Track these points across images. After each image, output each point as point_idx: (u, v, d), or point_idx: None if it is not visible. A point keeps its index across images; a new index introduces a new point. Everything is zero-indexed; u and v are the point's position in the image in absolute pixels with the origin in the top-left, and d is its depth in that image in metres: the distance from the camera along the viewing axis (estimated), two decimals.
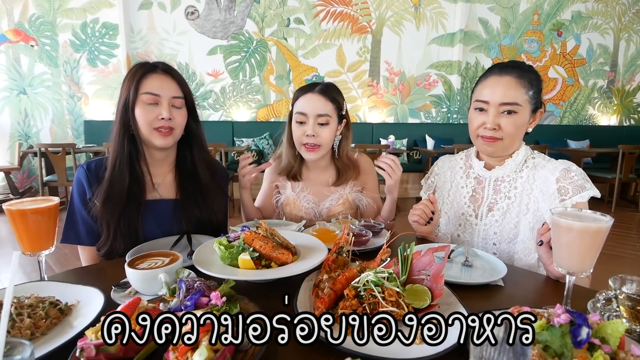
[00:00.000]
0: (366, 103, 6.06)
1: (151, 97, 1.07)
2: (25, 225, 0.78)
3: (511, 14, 6.06)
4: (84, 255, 1.16)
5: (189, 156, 1.22)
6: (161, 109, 1.08)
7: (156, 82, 1.08)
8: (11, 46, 5.18)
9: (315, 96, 1.31)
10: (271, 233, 0.89)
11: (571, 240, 0.69)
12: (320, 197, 1.45)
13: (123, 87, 1.10)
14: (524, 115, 1.10)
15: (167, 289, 0.67)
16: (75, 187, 1.13)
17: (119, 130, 1.10)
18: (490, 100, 1.10)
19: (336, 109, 1.34)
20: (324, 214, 1.44)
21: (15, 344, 0.42)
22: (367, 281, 0.70)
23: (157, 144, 1.11)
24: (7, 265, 2.94)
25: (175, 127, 1.12)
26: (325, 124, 1.32)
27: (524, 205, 1.15)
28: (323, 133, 1.32)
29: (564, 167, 1.10)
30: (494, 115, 1.10)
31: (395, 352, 0.58)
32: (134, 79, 1.07)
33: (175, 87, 1.11)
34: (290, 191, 1.46)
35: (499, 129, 1.11)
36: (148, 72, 1.08)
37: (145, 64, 1.11)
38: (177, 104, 1.11)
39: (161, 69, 1.11)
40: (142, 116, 1.07)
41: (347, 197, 1.43)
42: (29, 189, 5.39)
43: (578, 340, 0.50)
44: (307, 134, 1.31)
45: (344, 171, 1.42)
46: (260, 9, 5.65)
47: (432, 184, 1.39)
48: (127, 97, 1.07)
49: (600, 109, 6.58)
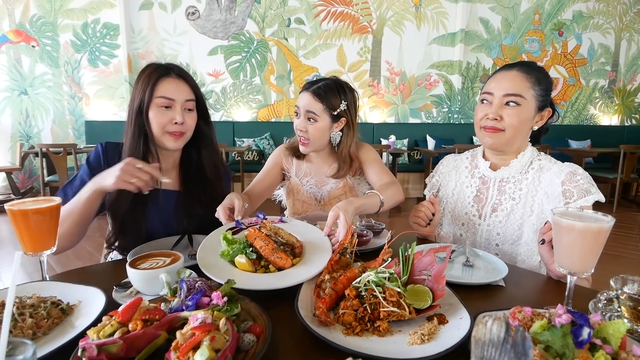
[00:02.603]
0: (367, 103, 6.06)
1: (166, 101, 1.10)
2: (26, 225, 0.78)
3: (512, 14, 6.05)
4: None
5: (195, 155, 1.25)
6: (175, 113, 1.11)
7: (171, 86, 1.11)
8: (12, 47, 5.19)
9: (307, 95, 1.37)
10: (275, 232, 0.89)
11: (573, 241, 0.69)
12: (321, 182, 1.51)
13: (137, 89, 1.12)
14: (527, 109, 1.10)
15: (169, 289, 0.67)
16: (92, 158, 1.16)
17: (134, 131, 1.12)
18: (494, 92, 1.12)
19: (326, 108, 1.37)
20: (325, 197, 1.48)
21: (17, 343, 0.42)
22: (368, 281, 0.70)
23: (168, 146, 1.15)
24: (9, 266, 2.94)
25: (186, 131, 1.16)
26: (313, 120, 1.37)
27: (528, 207, 1.14)
28: (310, 129, 1.38)
29: (570, 170, 1.09)
30: (497, 106, 1.11)
31: (396, 352, 0.58)
32: (149, 82, 1.10)
33: (189, 90, 1.15)
34: (294, 176, 1.52)
35: (501, 120, 1.11)
36: (163, 76, 1.11)
37: (160, 66, 1.14)
38: (189, 106, 1.15)
39: (176, 73, 1.14)
40: (156, 119, 1.11)
41: (347, 182, 1.48)
42: (30, 189, 5.40)
43: (579, 341, 0.50)
44: (298, 127, 1.40)
45: (343, 165, 1.47)
46: (261, 9, 5.65)
47: (436, 182, 1.39)
48: (142, 99, 1.10)
49: (601, 108, 6.57)
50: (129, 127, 1.14)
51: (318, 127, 1.38)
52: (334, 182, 1.48)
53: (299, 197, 1.51)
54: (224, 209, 1.04)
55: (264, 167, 1.55)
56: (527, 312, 0.59)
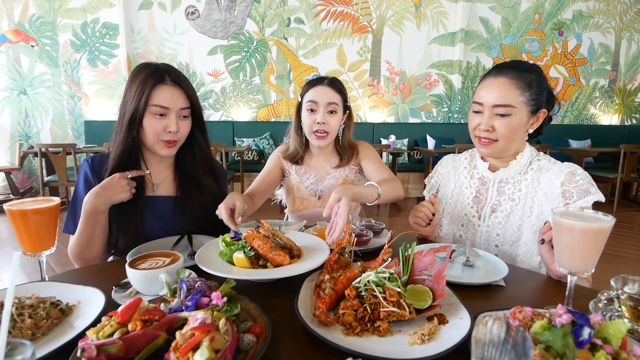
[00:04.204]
0: (367, 103, 6.06)
1: (161, 109, 1.08)
2: (26, 225, 0.78)
3: (512, 13, 6.05)
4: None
5: (189, 158, 1.23)
6: (169, 121, 1.10)
7: (166, 94, 1.09)
8: (11, 46, 5.19)
9: (325, 87, 1.44)
10: (273, 233, 0.89)
11: (573, 240, 0.69)
12: (321, 178, 1.53)
13: (131, 93, 1.09)
14: (519, 117, 1.09)
15: (168, 289, 0.67)
16: (81, 179, 1.16)
17: (123, 134, 1.11)
18: (484, 102, 1.11)
19: (342, 100, 1.47)
20: (325, 192, 1.51)
21: (16, 344, 0.42)
22: (368, 281, 0.69)
23: (161, 154, 1.14)
24: (8, 266, 2.94)
25: (180, 139, 1.15)
26: (334, 112, 1.44)
27: (528, 208, 1.14)
28: (332, 121, 1.44)
29: (569, 170, 1.09)
30: (487, 117, 1.11)
31: (397, 352, 0.58)
32: (144, 89, 1.07)
33: (184, 98, 1.12)
34: (295, 175, 1.54)
35: (493, 130, 1.11)
36: (158, 83, 1.08)
37: (155, 71, 1.10)
38: (184, 114, 1.14)
39: (171, 79, 1.10)
40: (150, 127, 1.09)
41: (347, 177, 1.50)
42: (29, 189, 5.39)
43: (580, 341, 0.50)
44: (318, 121, 1.42)
45: (345, 154, 1.53)
46: (261, 8, 5.64)
47: (435, 183, 1.39)
48: (137, 106, 1.07)
49: (601, 108, 6.56)
50: (119, 132, 1.11)
51: (338, 119, 1.46)
52: (334, 177, 1.51)
53: (299, 194, 1.52)
54: (226, 208, 1.04)
55: (265, 167, 1.57)
56: (528, 312, 0.59)
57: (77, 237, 1.06)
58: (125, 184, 1.05)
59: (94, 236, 1.07)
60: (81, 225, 1.05)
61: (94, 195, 1.02)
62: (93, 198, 1.02)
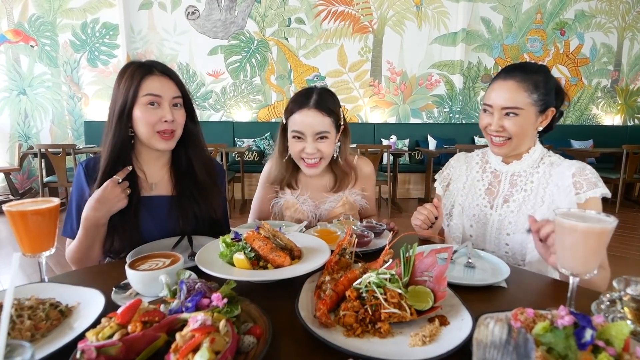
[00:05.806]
0: (368, 103, 6.05)
1: (152, 98, 1.06)
2: (25, 226, 0.78)
3: (514, 13, 6.04)
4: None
5: (184, 154, 1.22)
6: (163, 110, 1.08)
7: (156, 84, 1.07)
8: (11, 46, 5.20)
9: (312, 112, 1.24)
10: (273, 234, 0.89)
11: (575, 241, 0.69)
12: (319, 200, 1.43)
13: (119, 89, 1.08)
14: (527, 117, 1.14)
15: (168, 290, 0.66)
16: (75, 185, 1.15)
17: (115, 131, 1.08)
18: (493, 104, 1.17)
19: (334, 121, 1.29)
20: (324, 216, 1.42)
21: (15, 345, 0.42)
22: (369, 282, 0.69)
23: (159, 148, 1.11)
24: (8, 267, 2.94)
25: (177, 128, 1.12)
26: (325, 138, 1.28)
27: (540, 197, 1.18)
28: (323, 147, 1.28)
29: (579, 165, 1.15)
30: (497, 118, 1.17)
31: (398, 353, 0.58)
32: (132, 81, 1.05)
33: (174, 87, 1.11)
34: (290, 195, 1.44)
35: (504, 130, 1.16)
36: (147, 74, 1.07)
37: (142, 64, 1.09)
38: (177, 102, 1.12)
39: (159, 70, 1.10)
40: (144, 118, 1.06)
41: (347, 199, 1.42)
42: (29, 189, 5.40)
43: (582, 342, 0.50)
44: (307, 151, 1.27)
45: (342, 178, 1.39)
46: (261, 8, 5.64)
47: (447, 176, 1.41)
48: (125, 99, 1.05)
49: (604, 108, 6.55)
50: (109, 130, 1.08)
51: (331, 142, 1.29)
52: (332, 200, 1.41)
53: (297, 215, 1.42)
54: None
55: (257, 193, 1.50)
56: (529, 313, 0.59)
57: (77, 246, 1.06)
58: (120, 191, 1.03)
59: (93, 245, 1.07)
60: (81, 237, 1.04)
61: (93, 211, 1.00)
62: (92, 213, 1.00)
